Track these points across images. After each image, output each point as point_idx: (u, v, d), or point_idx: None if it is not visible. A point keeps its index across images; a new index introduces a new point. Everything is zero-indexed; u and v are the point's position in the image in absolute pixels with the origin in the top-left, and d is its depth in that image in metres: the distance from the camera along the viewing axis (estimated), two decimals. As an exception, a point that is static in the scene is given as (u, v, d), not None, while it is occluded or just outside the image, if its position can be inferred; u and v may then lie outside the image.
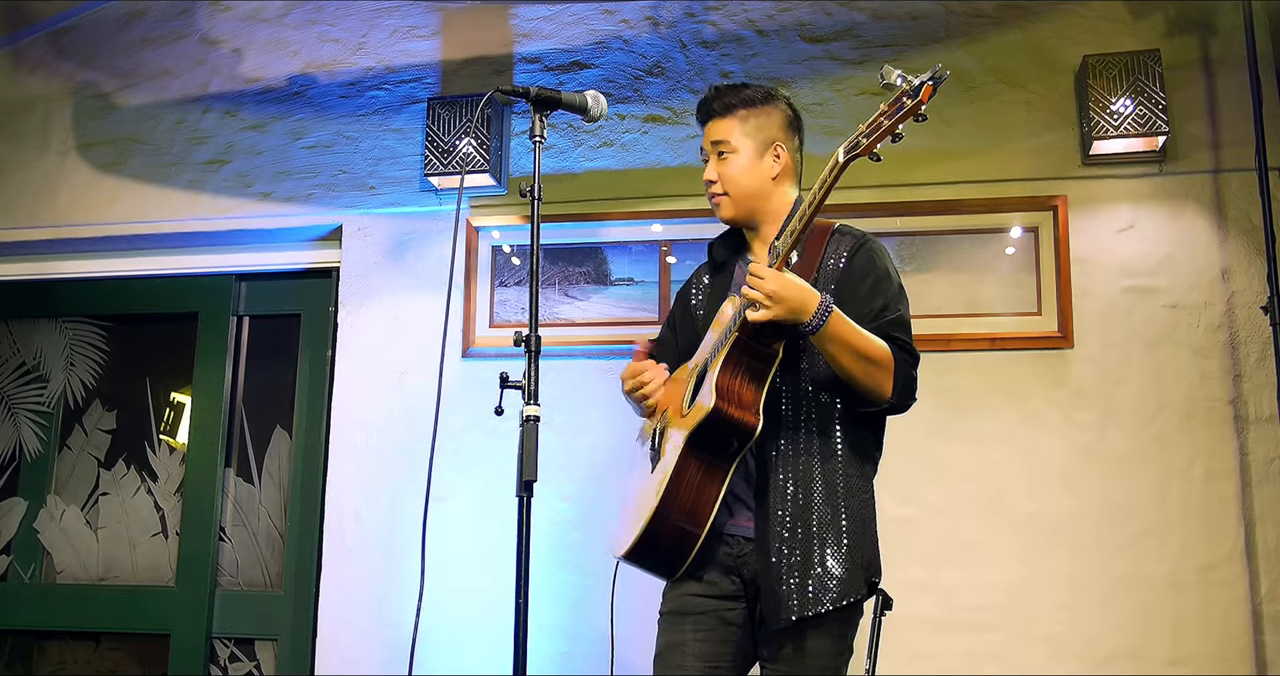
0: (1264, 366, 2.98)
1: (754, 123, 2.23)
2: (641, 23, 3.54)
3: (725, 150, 2.22)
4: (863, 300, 2.10)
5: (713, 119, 2.26)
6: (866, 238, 2.21)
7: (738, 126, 2.23)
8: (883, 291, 2.12)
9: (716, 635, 2.09)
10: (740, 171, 2.22)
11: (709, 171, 2.25)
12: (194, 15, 3.86)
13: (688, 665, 2.07)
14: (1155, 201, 3.15)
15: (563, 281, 3.47)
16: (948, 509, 3.08)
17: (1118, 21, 3.24)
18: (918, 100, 1.83)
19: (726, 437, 2.02)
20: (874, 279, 2.13)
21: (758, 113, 2.24)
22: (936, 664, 2.98)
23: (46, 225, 3.84)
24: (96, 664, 3.76)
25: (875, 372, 2.03)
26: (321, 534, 3.49)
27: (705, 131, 2.28)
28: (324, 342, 3.71)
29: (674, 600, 2.15)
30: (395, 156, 3.63)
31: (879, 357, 2.03)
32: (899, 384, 2.05)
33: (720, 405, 1.99)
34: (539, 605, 2.25)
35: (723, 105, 2.24)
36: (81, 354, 3.98)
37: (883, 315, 2.09)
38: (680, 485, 2.04)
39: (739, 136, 2.22)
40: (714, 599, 2.11)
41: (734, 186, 2.23)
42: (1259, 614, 2.89)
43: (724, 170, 2.23)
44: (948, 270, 3.23)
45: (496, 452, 3.32)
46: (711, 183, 2.25)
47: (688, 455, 2.04)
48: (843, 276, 2.14)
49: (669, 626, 2.14)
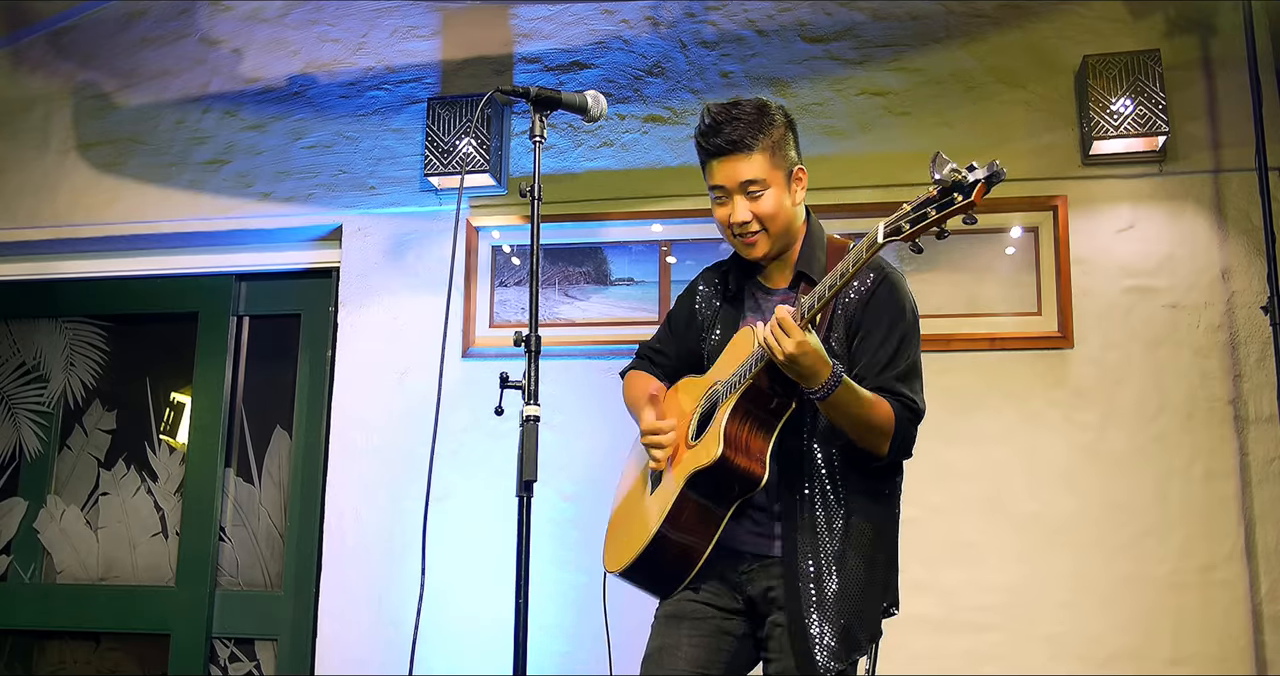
0: (1264, 366, 2.98)
1: (779, 152, 2.08)
2: (641, 23, 3.54)
3: (756, 190, 2.06)
4: (877, 345, 2.04)
5: (735, 154, 2.06)
6: (887, 273, 2.11)
7: (768, 161, 2.06)
8: (897, 336, 2.04)
9: (712, 642, 2.06)
10: (777, 207, 2.08)
11: (739, 212, 2.07)
12: (194, 15, 3.86)
13: (679, 667, 2.04)
14: (1155, 201, 3.15)
15: (563, 281, 3.47)
16: (948, 509, 3.08)
17: (1118, 21, 3.24)
18: (969, 201, 1.71)
19: (729, 484, 2.00)
20: (890, 322, 2.05)
21: (778, 139, 2.08)
22: (936, 664, 2.98)
23: (46, 225, 3.84)
24: (96, 664, 3.76)
25: (872, 437, 1.99)
26: (321, 534, 3.49)
27: (718, 168, 2.08)
28: (324, 343, 3.71)
29: (671, 605, 2.12)
30: (395, 156, 3.63)
31: (879, 426, 1.98)
32: (896, 444, 2.00)
33: (727, 454, 1.95)
34: (539, 605, 2.24)
35: (745, 141, 2.05)
36: (81, 354, 3.98)
37: (892, 366, 2.03)
38: (678, 522, 2.02)
39: (770, 171, 2.07)
40: (713, 608, 2.09)
41: (773, 223, 2.08)
42: (1259, 614, 2.90)
43: (760, 209, 2.07)
44: (948, 270, 3.23)
45: (496, 452, 3.32)
46: (745, 224, 2.08)
47: (687, 494, 2.01)
48: (863, 314, 2.06)
49: (663, 629, 2.11)
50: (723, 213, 2.12)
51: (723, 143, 2.06)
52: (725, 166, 2.07)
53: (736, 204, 2.08)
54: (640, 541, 2.06)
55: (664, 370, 2.36)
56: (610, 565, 2.18)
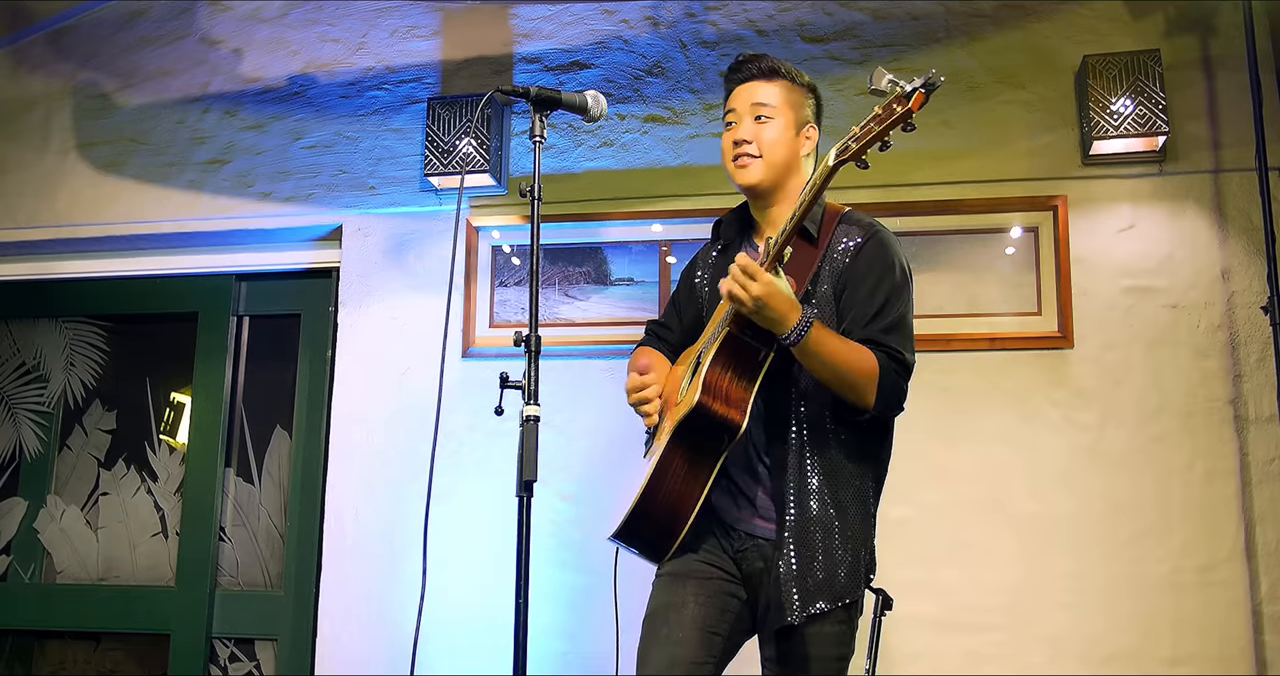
0: (1264, 366, 2.98)
1: (797, 97, 2.19)
2: (641, 23, 3.54)
3: (766, 114, 2.15)
4: (864, 299, 2.06)
5: (755, 80, 2.18)
6: (876, 227, 2.15)
7: (783, 93, 2.18)
8: (885, 290, 2.06)
9: (718, 602, 2.06)
10: (778, 138, 2.16)
11: (742, 131, 2.15)
12: (194, 15, 3.86)
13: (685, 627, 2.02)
14: (1155, 201, 3.15)
15: (563, 281, 3.47)
16: (948, 509, 3.08)
17: (1118, 21, 3.24)
18: (907, 108, 1.79)
19: (711, 433, 2.01)
20: (878, 277, 2.07)
21: (799, 89, 2.21)
22: (936, 664, 2.98)
23: (46, 225, 3.84)
24: (96, 664, 3.76)
25: (854, 386, 1.98)
26: (321, 534, 3.49)
27: (739, 92, 2.19)
28: (324, 343, 3.71)
29: (674, 563, 2.10)
30: (395, 156, 3.63)
31: (859, 372, 1.98)
32: (883, 396, 1.99)
33: (704, 401, 1.97)
34: (539, 605, 2.24)
35: (768, 69, 2.18)
36: (81, 354, 3.98)
37: (879, 318, 2.04)
38: (665, 475, 2.04)
39: (782, 104, 2.17)
40: (718, 568, 2.09)
41: (769, 150, 2.15)
42: (1259, 614, 2.90)
43: (761, 132, 2.15)
44: (948, 270, 3.23)
45: (496, 452, 3.33)
46: (745, 143, 2.15)
47: (673, 447, 2.04)
48: (849, 268, 2.09)
49: (669, 586, 2.09)
50: (728, 136, 2.20)
51: (753, 68, 2.19)
52: (745, 89, 2.19)
53: (744, 124, 2.17)
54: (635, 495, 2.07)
55: (668, 344, 2.37)
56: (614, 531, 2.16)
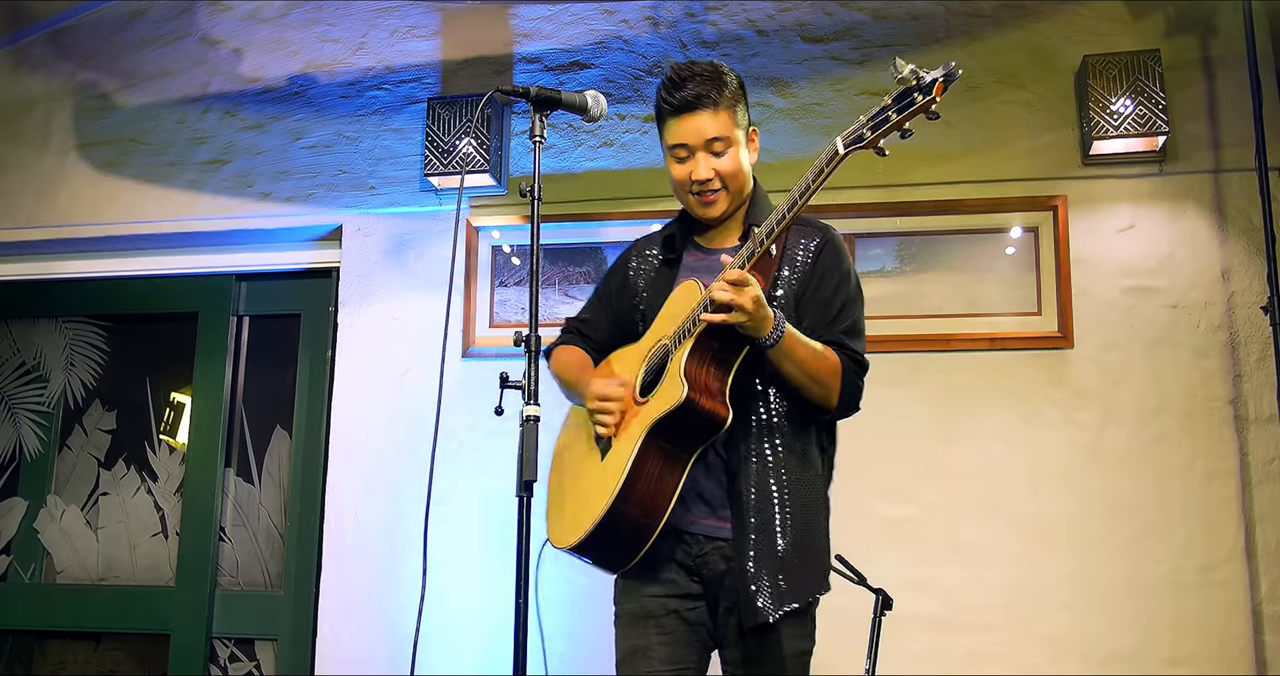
0: (1264, 366, 2.97)
1: (740, 111, 2.11)
2: (641, 23, 3.54)
3: (722, 147, 2.08)
4: (823, 303, 2.08)
5: (700, 110, 2.07)
6: (830, 229, 2.16)
7: (729, 119, 2.09)
8: (842, 296, 2.09)
9: (680, 636, 2.05)
10: (738, 165, 2.11)
11: (702, 169, 2.08)
12: (194, 15, 3.86)
13: (655, 669, 2.03)
14: (1155, 201, 3.15)
15: (563, 281, 3.46)
16: (948, 509, 3.08)
17: (1118, 21, 3.24)
18: (930, 98, 1.72)
19: (694, 428, 1.97)
20: (837, 281, 2.10)
21: (740, 99, 2.12)
22: (936, 664, 2.98)
23: (46, 225, 3.84)
24: (96, 664, 3.76)
25: (821, 387, 2.01)
26: (321, 534, 3.49)
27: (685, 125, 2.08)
28: (324, 343, 3.71)
29: (632, 602, 2.10)
30: (395, 156, 3.63)
31: (826, 373, 2.01)
32: (844, 395, 2.03)
33: (693, 395, 1.93)
34: (539, 605, 2.24)
35: (711, 96, 2.07)
36: (81, 354, 3.98)
37: (839, 320, 2.07)
38: (640, 476, 1.96)
39: (732, 128, 2.09)
40: (675, 598, 2.06)
41: (734, 181, 2.11)
42: (1259, 614, 2.89)
43: (722, 166, 2.09)
44: (948, 270, 3.23)
45: (496, 452, 3.32)
46: (708, 181, 2.09)
47: (650, 444, 1.97)
48: (809, 272, 2.10)
49: (630, 630, 2.09)
50: (683, 171, 2.12)
51: (689, 96, 2.06)
52: (689, 123, 2.08)
53: (700, 161, 2.09)
54: (597, 509, 1.99)
55: (593, 343, 2.32)
56: (560, 540, 2.10)
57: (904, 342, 3.17)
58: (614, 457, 2.04)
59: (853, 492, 3.08)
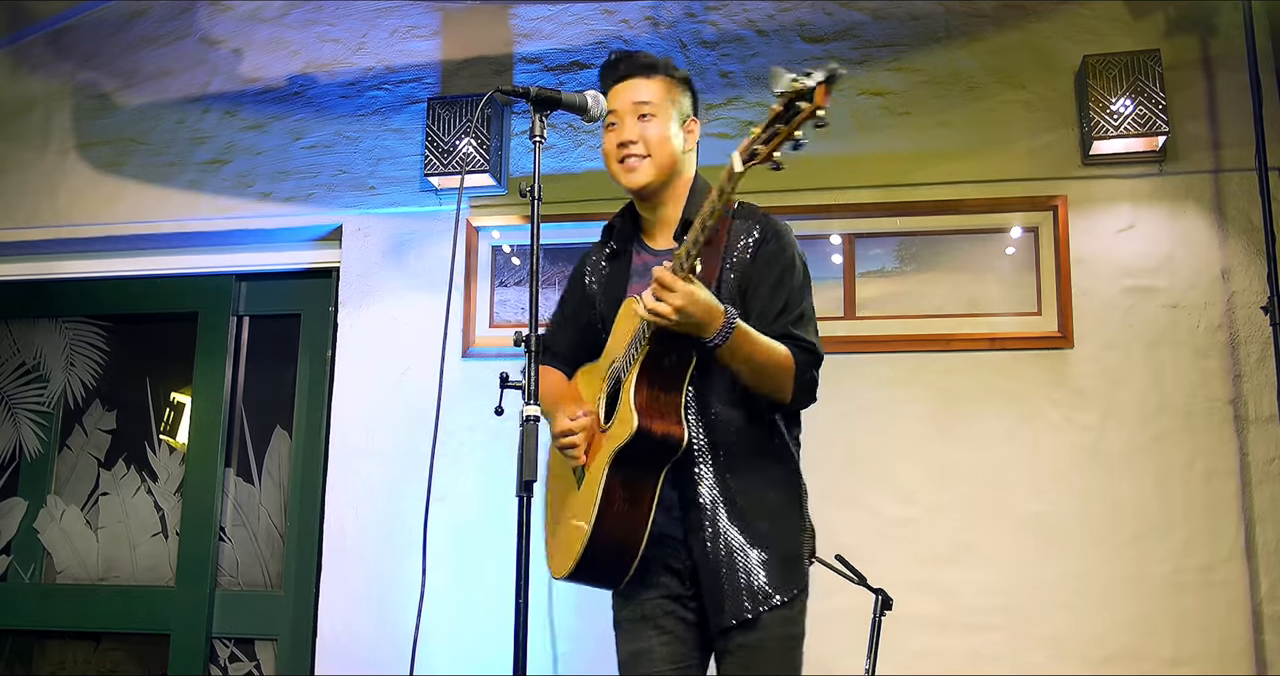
0: (1264, 366, 2.97)
1: (676, 92, 2.16)
2: (641, 23, 3.54)
3: (649, 112, 2.12)
4: (768, 296, 2.06)
5: (633, 77, 2.14)
6: (770, 219, 2.14)
7: (662, 90, 2.14)
8: (787, 286, 2.07)
9: (678, 636, 2.07)
10: (665, 137, 2.12)
11: (627, 131, 2.11)
12: (194, 15, 3.86)
13: (658, 669, 2.05)
14: (1155, 201, 3.15)
15: (563, 281, 3.45)
16: (948, 509, 3.08)
17: (1118, 21, 3.24)
18: (813, 104, 1.68)
19: (652, 453, 1.99)
20: (780, 271, 2.08)
21: (677, 84, 2.17)
22: (936, 664, 2.98)
23: (46, 225, 3.84)
24: (96, 664, 3.76)
25: (774, 381, 2.01)
26: (321, 534, 3.49)
27: (618, 91, 2.15)
28: (324, 343, 3.71)
29: (630, 607, 2.12)
30: (395, 156, 3.63)
31: (779, 368, 2.00)
32: (799, 388, 2.02)
33: (644, 424, 1.95)
34: (539, 605, 2.24)
35: (645, 65, 2.15)
36: (81, 354, 3.98)
37: (786, 312, 2.05)
38: (612, 503, 2.00)
39: (663, 100, 2.13)
40: (670, 599, 2.08)
41: (657, 150, 2.11)
42: (1259, 614, 2.89)
43: (647, 131, 2.11)
44: (948, 270, 3.23)
45: (496, 452, 3.32)
46: (631, 143, 2.11)
47: (614, 475, 1.99)
48: (750, 265, 2.09)
49: (631, 633, 2.11)
50: (611, 138, 2.16)
51: (621, 70, 2.16)
52: (624, 89, 2.15)
53: (626, 125, 2.13)
54: (579, 539, 2.03)
55: (561, 359, 2.33)
56: (556, 571, 2.15)
57: (904, 342, 3.17)
58: (586, 487, 2.08)
59: (853, 492, 3.10)
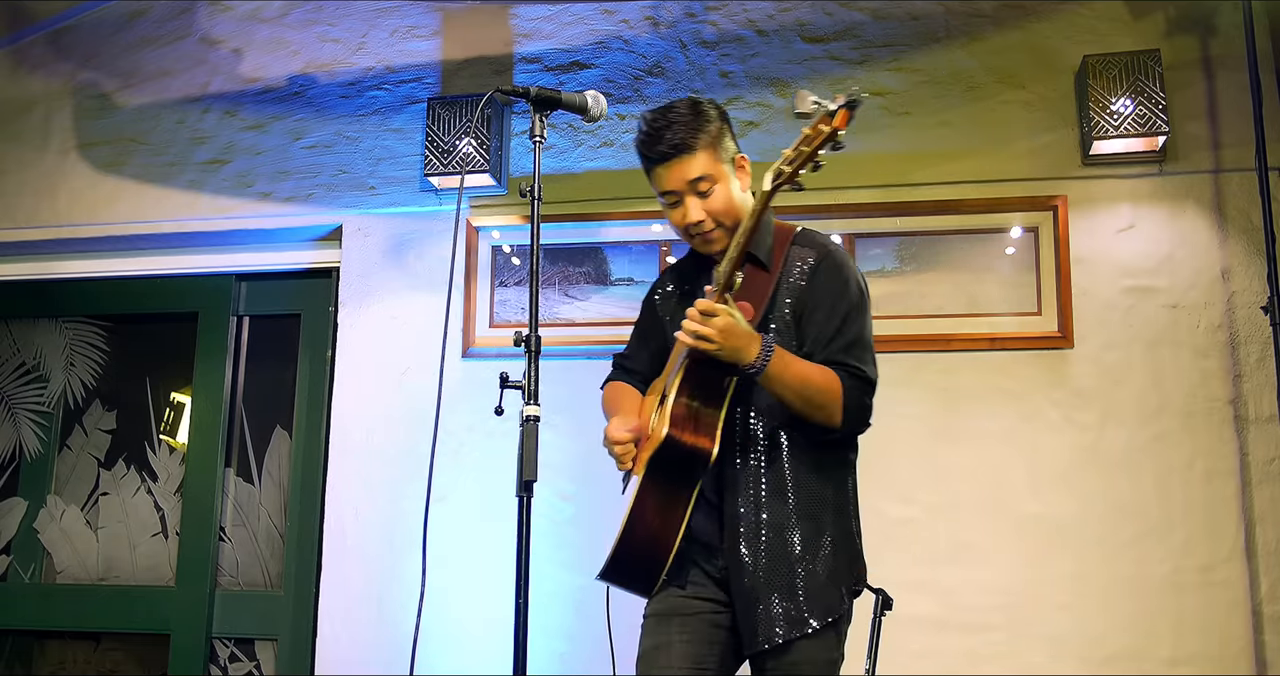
0: (1264, 366, 2.97)
1: (720, 146, 2.11)
2: (641, 23, 3.54)
3: (708, 187, 2.09)
4: (821, 322, 2.07)
5: (679, 157, 2.08)
6: (830, 247, 2.15)
7: (710, 158, 2.09)
8: (842, 309, 2.08)
9: (703, 637, 2.07)
10: (728, 200, 2.11)
11: (693, 212, 2.09)
12: (194, 15, 3.86)
13: (674, 665, 2.05)
14: (1155, 201, 3.15)
15: (563, 281, 3.46)
16: (948, 509, 3.08)
17: (1118, 21, 3.24)
18: (833, 127, 1.79)
19: (683, 464, 2.01)
20: (833, 298, 2.09)
21: (716, 133, 2.11)
22: (936, 664, 2.98)
23: (46, 225, 3.84)
24: (96, 664, 3.76)
25: (821, 407, 2.01)
26: (321, 534, 3.49)
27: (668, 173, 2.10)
28: (324, 343, 3.71)
29: (661, 602, 2.13)
30: (395, 156, 3.63)
31: (824, 395, 2.00)
32: (850, 414, 2.02)
33: (673, 433, 1.97)
34: (539, 605, 2.25)
35: (687, 142, 2.07)
36: (81, 354, 3.98)
37: (838, 338, 2.06)
38: (644, 510, 2.03)
39: (714, 166, 2.09)
40: (702, 601, 2.09)
41: (727, 216, 2.10)
42: (1259, 614, 2.90)
43: (712, 206, 2.09)
44: (948, 270, 3.23)
45: (496, 452, 3.32)
46: (701, 222, 2.10)
47: (647, 482, 2.03)
48: (806, 290, 2.10)
49: (655, 628, 2.11)
50: (677, 215, 2.15)
51: (666, 149, 2.09)
52: (672, 170, 2.10)
53: (689, 205, 2.11)
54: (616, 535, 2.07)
55: (637, 377, 2.37)
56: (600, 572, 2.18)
57: (904, 342, 3.17)
58: (628, 495, 2.11)
59: (853, 492, 3.10)
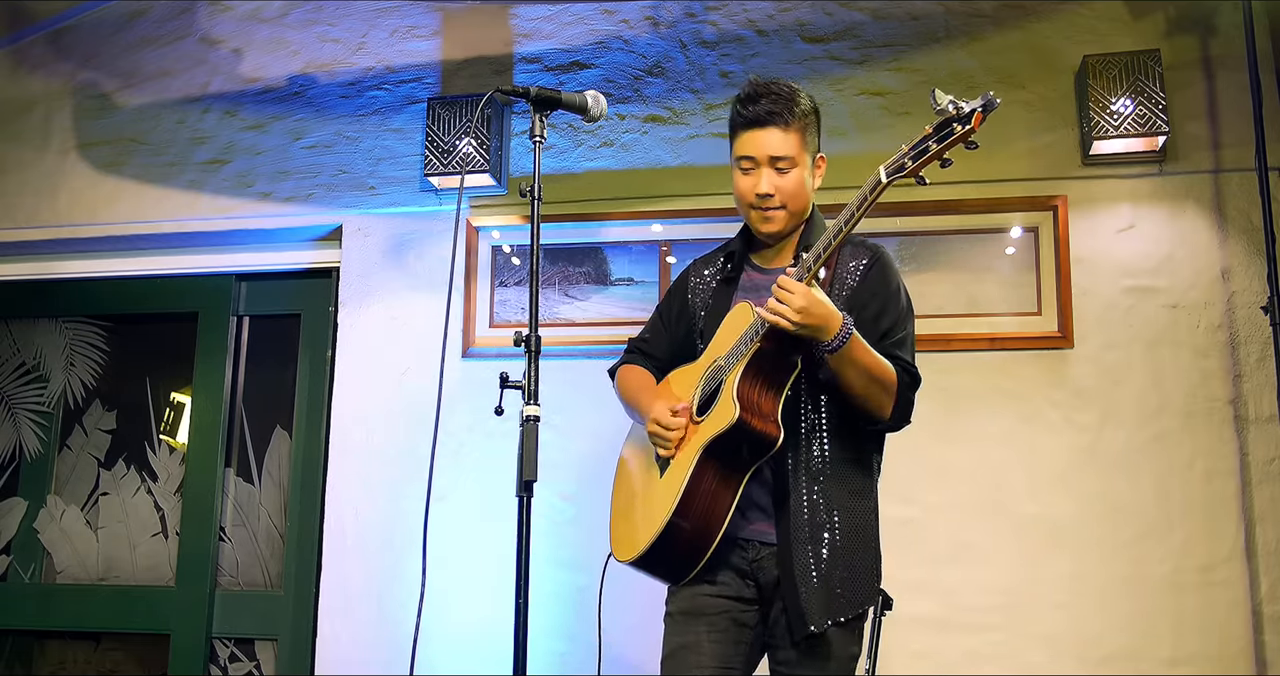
0: (1264, 366, 2.97)
1: (810, 134, 2.16)
2: (641, 23, 3.54)
3: (787, 167, 2.12)
4: (871, 319, 2.10)
5: (770, 126, 2.11)
6: (881, 252, 2.19)
7: (799, 141, 2.13)
8: (891, 312, 2.12)
9: (730, 636, 2.07)
10: (800, 186, 2.14)
11: (765, 184, 2.12)
12: (194, 15, 3.86)
13: (704, 665, 2.05)
14: (1155, 201, 3.15)
15: (563, 281, 3.46)
16: (948, 509, 3.08)
17: (1118, 21, 3.24)
18: (969, 127, 1.80)
19: (746, 448, 2.01)
20: (885, 298, 2.13)
21: (809, 122, 2.16)
22: (936, 664, 2.98)
23: (46, 225, 3.84)
24: (96, 664, 3.76)
25: (880, 395, 2.05)
26: (321, 533, 3.49)
27: (754, 138, 2.12)
28: (324, 343, 3.71)
29: (684, 600, 2.12)
30: (395, 156, 3.63)
31: (886, 382, 2.04)
32: (898, 407, 2.07)
33: (744, 416, 1.97)
34: (539, 605, 2.25)
35: (783, 114, 2.11)
36: (81, 354, 3.98)
37: (889, 336, 2.10)
38: (696, 493, 2.02)
39: (799, 150, 2.13)
40: (727, 599, 2.09)
41: (794, 201, 2.15)
42: (1259, 614, 2.89)
43: (784, 184, 2.13)
44: (948, 270, 3.23)
45: (496, 452, 3.32)
46: (769, 196, 2.13)
47: (705, 463, 2.02)
48: (856, 291, 2.14)
49: (681, 627, 2.11)
50: (747, 183, 2.15)
51: (762, 112, 2.11)
52: (759, 137, 2.12)
53: (763, 176, 2.13)
54: (655, 524, 2.05)
55: (655, 362, 2.37)
56: (621, 554, 2.16)
57: (904, 342, 3.17)
58: (671, 475, 2.10)
59: (853, 492, 3.10)
